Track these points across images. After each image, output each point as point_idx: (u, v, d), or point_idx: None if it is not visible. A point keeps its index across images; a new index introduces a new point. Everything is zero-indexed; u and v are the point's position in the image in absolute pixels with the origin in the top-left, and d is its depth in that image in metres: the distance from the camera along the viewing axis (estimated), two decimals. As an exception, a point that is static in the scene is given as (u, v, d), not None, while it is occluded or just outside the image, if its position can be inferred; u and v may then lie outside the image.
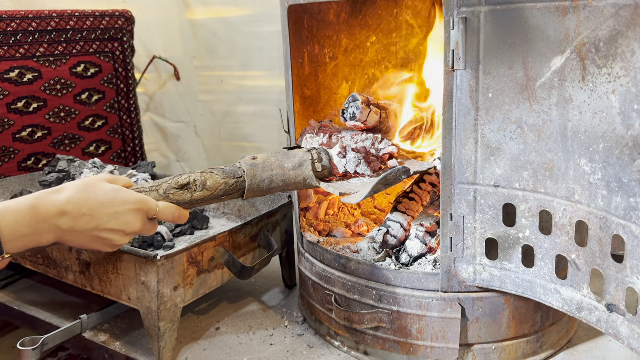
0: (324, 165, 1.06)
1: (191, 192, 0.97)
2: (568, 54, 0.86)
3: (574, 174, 0.89)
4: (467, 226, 1.02)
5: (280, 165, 1.04)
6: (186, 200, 0.97)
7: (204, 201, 0.99)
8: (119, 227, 0.89)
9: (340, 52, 1.57)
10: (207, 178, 0.99)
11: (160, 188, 0.97)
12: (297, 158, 1.05)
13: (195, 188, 0.98)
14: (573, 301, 0.94)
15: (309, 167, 1.04)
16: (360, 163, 1.10)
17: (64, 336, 1.23)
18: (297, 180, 1.04)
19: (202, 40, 2.42)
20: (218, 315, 1.38)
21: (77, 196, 0.86)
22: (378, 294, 1.12)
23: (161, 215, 0.94)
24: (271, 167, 1.03)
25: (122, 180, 0.96)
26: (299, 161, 1.05)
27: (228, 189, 1.00)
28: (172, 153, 2.56)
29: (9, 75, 1.78)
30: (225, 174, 1.00)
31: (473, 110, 0.96)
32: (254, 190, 1.02)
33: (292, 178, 1.04)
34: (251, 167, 1.02)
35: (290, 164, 1.04)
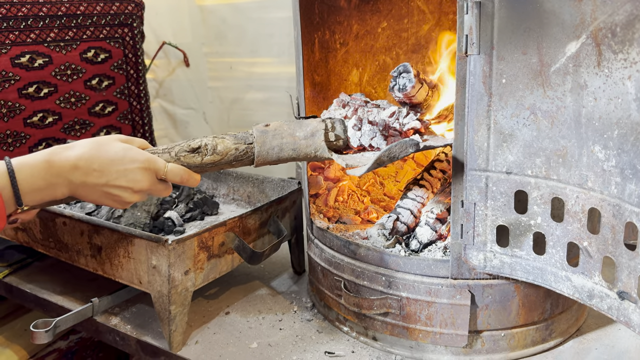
0: (337, 135, 1.04)
1: (202, 155, 0.98)
2: (583, 39, 0.84)
3: (587, 161, 0.88)
4: (478, 213, 1.02)
5: (292, 134, 1.02)
6: (197, 163, 0.99)
7: (215, 165, 1.00)
8: (127, 184, 0.92)
9: (350, 38, 1.56)
10: (218, 142, 0.99)
11: (173, 150, 0.99)
12: (310, 127, 1.03)
13: (206, 152, 0.99)
14: (584, 288, 0.94)
15: (321, 137, 1.02)
16: (375, 136, 1.06)
17: (76, 319, 1.24)
18: (307, 150, 1.02)
19: (211, 26, 2.41)
20: (228, 300, 1.39)
21: (89, 152, 0.90)
22: (387, 280, 1.12)
23: (169, 176, 0.96)
24: (282, 135, 1.01)
25: (137, 142, 0.99)
26: (312, 130, 1.02)
27: (238, 154, 1.00)
28: (181, 139, 2.56)
29: (19, 60, 1.79)
30: (236, 140, 1.01)
31: (486, 95, 0.95)
32: (263, 157, 1.01)
33: (302, 147, 1.02)
34: (261, 134, 1.01)
35: (302, 132, 1.02)
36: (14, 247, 1.63)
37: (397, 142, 0.97)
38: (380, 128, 1.06)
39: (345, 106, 1.16)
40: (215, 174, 1.70)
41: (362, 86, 1.65)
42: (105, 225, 1.19)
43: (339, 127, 1.05)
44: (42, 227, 1.33)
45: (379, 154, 0.95)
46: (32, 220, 1.33)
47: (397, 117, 1.10)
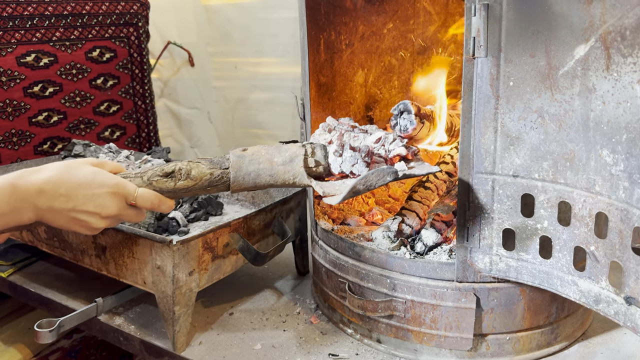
0: (317, 161, 0.99)
1: (175, 180, 0.96)
2: (592, 42, 0.84)
3: (595, 165, 0.88)
4: (484, 216, 1.01)
5: (269, 159, 0.98)
6: (169, 188, 0.96)
7: (188, 191, 0.97)
8: (95, 210, 0.89)
9: (356, 39, 1.56)
10: (193, 167, 0.97)
11: (145, 175, 0.96)
12: (289, 152, 0.98)
13: (180, 176, 0.96)
14: (591, 293, 0.93)
15: (300, 163, 0.97)
16: (357, 163, 0.99)
17: (80, 318, 1.24)
18: (285, 177, 0.98)
19: (216, 26, 2.41)
20: (231, 301, 1.39)
21: (56, 176, 0.87)
22: (392, 283, 1.12)
23: (139, 201, 0.93)
24: (259, 160, 0.98)
25: (109, 165, 0.96)
26: (291, 156, 0.98)
27: (213, 179, 0.97)
28: (185, 139, 2.57)
29: (25, 60, 1.79)
30: (212, 165, 0.97)
31: (493, 98, 0.95)
32: (239, 183, 0.97)
33: (280, 173, 0.97)
34: (238, 159, 0.98)
35: (280, 158, 0.98)
36: (18, 246, 1.63)
37: (375, 170, 0.92)
38: (362, 154, 1.00)
39: (332, 131, 1.12)
40: (220, 174, 1.69)
41: (367, 87, 1.65)
42: (109, 225, 1.19)
43: (320, 152, 1.00)
44: (46, 226, 1.33)
45: (355, 182, 0.91)
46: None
47: (382, 143, 1.05)
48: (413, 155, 1.04)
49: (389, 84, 1.69)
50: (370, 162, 1.01)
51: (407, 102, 1.14)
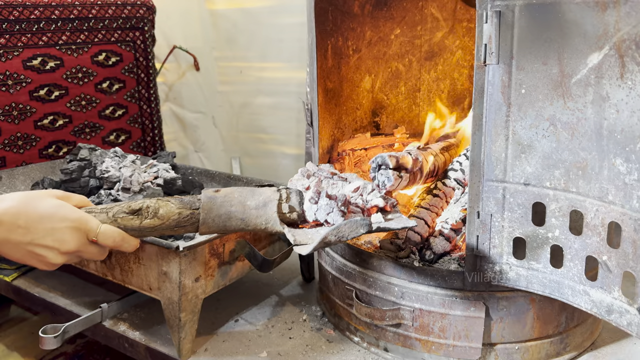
0: (292, 207, 0.95)
1: (141, 218, 0.92)
2: (606, 50, 0.83)
3: (608, 174, 0.87)
4: (494, 224, 1.00)
5: (242, 202, 0.94)
6: (134, 226, 0.92)
7: (154, 230, 0.93)
8: (53, 244, 0.86)
9: (363, 45, 1.55)
10: (161, 206, 0.93)
11: (111, 210, 0.92)
12: (263, 196, 0.95)
13: (147, 215, 0.93)
14: (603, 303, 0.92)
15: (274, 208, 0.94)
16: (332, 211, 0.95)
17: (85, 324, 1.23)
18: (257, 221, 0.94)
19: (221, 30, 2.41)
20: (237, 307, 1.38)
21: (16, 207, 0.84)
22: (400, 291, 1.11)
23: (101, 238, 0.89)
24: (231, 203, 0.94)
25: (74, 199, 0.93)
26: (264, 200, 0.95)
27: (181, 219, 0.93)
28: (190, 143, 2.57)
29: (31, 63, 1.79)
30: (182, 204, 0.94)
31: (504, 106, 0.94)
32: (208, 225, 0.94)
33: (252, 217, 0.94)
34: (209, 200, 0.94)
35: (253, 201, 0.95)
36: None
37: (348, 221, 0.89)
38: (339, 203, 0.96)
39: (310, 176, 1.09)
40: (226, 180, 1.69)
41: (374, 93, 1.64)
42: (116, 230, 1.18)
43: (295, 198, 0.97)
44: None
45: (326, 232, 0.87)
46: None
47: (361, 192, 1.02)
48: (391, 207, 1.01)
49: (396, 90, 1.68)
50: (347, 211, 0.97)
51: (385, 156, 1.11)
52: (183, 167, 1.77)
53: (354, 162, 1.52)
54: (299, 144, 2.30)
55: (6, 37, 1.72)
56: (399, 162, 1.12)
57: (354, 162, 1.52)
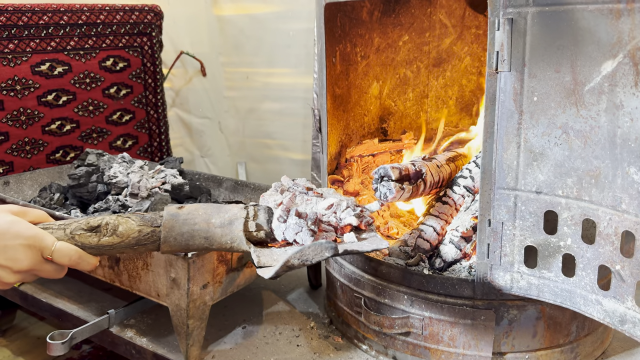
0: (259, 225, 0.91)
1: (99, 235, 0.89)
2: (620, 58, 0.83)
3: (621, 183, 0.86)
4: (505, 233, 0.99)
5: (206, 220, 0.90)
6: (92, 244, 0.89)
7: (113, 249, 0.90)
8: (5, 263, 0.82)
9: (371, 51, 1.55)
10: (121, 223, 0.90)
11: (69, 227, 0.89)
12: (229, 214, 0.91)
13: (105, 232, 0.89)
14: (615, 313, 0.91)
15: (240, 227, 0.90)
16: (301, 231, 0.90)
17: (92, 330, 1.23)
18: (222, 240, 0.90)
19: (228, 36, 2.41)
20: (244, 314, 1.38)
21: None
22: (410, 299, 1.10)
23: (56, 256, 0.86)
24: (194, 221, 0.90)
25: (32, 214, 0.89)
26: (230, 217, 0.90)
27: (141, 237, 0.90)
28: (196, 148, 2.57)
29: (40, 68, 1.79)
30: (142, 221, 0.90)
31: (516, 113, 0.94)
32: (169, 243, 0.90)
33: (217, 236, 0.90)
34: (171, 217, 0.90)
35: (219, 219, 0.90)
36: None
37: (312, 244, 0.84)
38: (309, 222, 0.91)
39: (284, 192, 1.02)
40: (233, 186, 1.69)
41: (382, 99, 1.64)
42: (124, 236, 1.17)
43: (263, 216, 0.92)
44: (59, 237, 1.32)
45: (289, 255, 0.83)
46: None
47: (334, 210, 0.96)
48: (366, 226, 0.96)
49: (404, 96, 1.68)
50: (318, 230, 0.92)
51: (387, 168, 1.08)
52: (190, 172, 1.76)
53: (361, 169, 1.51)
54: (305, 149, 2.29)
55: (15, 42, 1.73)
56: (401, 174, 1.10)
57: (362, 169, 1.52)
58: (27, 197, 1.67)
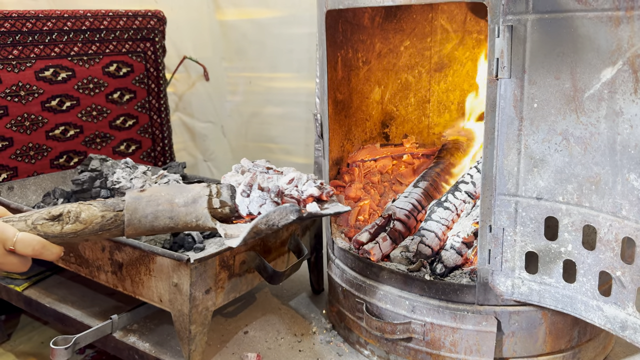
0: (223, 202, 0.93)
1: (62, 223, 0.89)
2: (619, 65, 0.83)
3: (621, 189, 0.86)
4: (506, 238, 1.00)
5: (170, 200, 0.91)
6: (55, 233, 0.88)
7: (77, 236, 0.90)
8: None
9: (373, 56, 1.56)
10: (83, 210, 0.90)
11: (30, 218, 0.89)
12: (192, 193, 0.93)
13: (68, 220, 0.89)
14: (616, 319, 0.91)
15: (204, 204, 0.91)
16: (265, 203, 0.93)
17: (95, 336, 1.23)
18: (187, 219, 0.91)
19: (231, 41, 2.42)
20: (246, 319, 1.38)
21: None
22: (411, 304, 1.10)
23: (19, 247, 0.85)
24: (157, 202, 0.91)
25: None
26: (194, 196, 0.92)
27: (105, 222, 0.90)
28: (199, 153, 2.58)
29: (44, 74, 1.81)
30: (105, 207, 0.91)
31: (517, 120, 0.94)
32: (134, 226, 0.90)
33: (182, 215, 0.91)
34: (133, 200, 0.91)
35: (182, 199, 0.92)
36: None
37: (277, 208, 0.88)
38: (272, 195, 0.94)
39: (245, 172, 1.03)
40: (235, 190, 1.69)
41: (383, 104, 1.64)
42: (127, 242, 1.18)
43: (226, 193, 0.94)
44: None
45: (256, 221, 0.86)
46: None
47: (295, 184, 0.98)
48: (328, 196, 0.98)
49: (406, 101, 1.69)
50: (281, 202, 0.94)
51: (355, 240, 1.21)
52: (193, 177, 1.77)
53: (363, 174, 1.52)
54: (307, 153, 2.30)
55: (19, 48, 1.74)
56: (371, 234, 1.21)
57: (364, 174, 1.52)
58: (31, 202, 1.68)
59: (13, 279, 1.55)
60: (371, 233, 1.24)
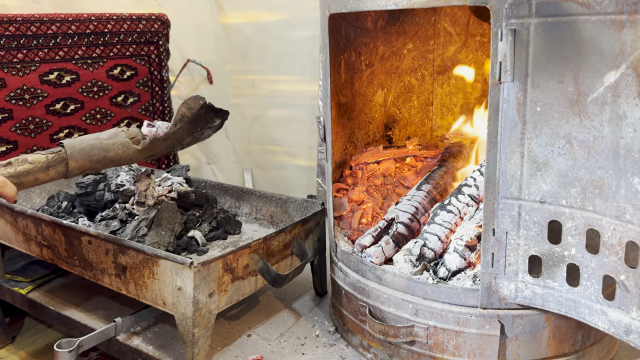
0: (136, 132, 1.26)
1: (14, 166, 1.07)
2: (623, 69, 0.83)
3: (625, 193, 0.86)
4: (509, 242, 1.00)
5: (97, 137, 1.21)
6: (11, 173, 1.07)
7: (29, 174, 1.09)
8: None
9: (376, 59, 1.56)
10: (28, 156, 1.11)
11: None
12: (111, 131, 1.24)
13: (17, 164, 1.08)
14: (620, 323, 0.91)
15: (123, 135, 1.23)
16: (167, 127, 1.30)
17: (99, 339, 1.24)
18: (115, 147, 1.21)
19: (235, 44, 2.43)
20: (249, 322, 1.38)
21: None
22: (414, 308, 1.10)
23: None
24: (88, 140, 1.19)
25: None
26: (114, 132, 1.24)
27: (50, 161, 1.12)
28: (202, 155, 2.58)
29: (48, 77, 1.81)
30: (46, 151, 1.14)
31: (520, 123, 0.94)
32: (75, 158, 1.15)
33: (110, 145, 1.20)
34: (70, 141, 1.17)
35: (105, 135, 1.22)
36: (36, 262, 1.64)
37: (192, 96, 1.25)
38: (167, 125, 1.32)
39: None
40: (239, 193, 1.69)
41: (386, 107, 1.64)
42: (131, 245, 1.19)
43: (134, 128, 1.28)
44: (67, 245, 1.34)
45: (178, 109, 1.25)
46: (58, 237, 1.34)
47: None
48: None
49: (409, 104, 1.69)
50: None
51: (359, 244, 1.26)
52: (197, 180, 1.78)
53: (367, 176, 1.52)
54: (311, 156, 2.30)
55: (24, 52, 1.75)
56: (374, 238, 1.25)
57: (367, 176, 1.52)
58: (36, 205, 1.69)
59: (17, 282, 1.56)
60: (374, 236, 1.23)
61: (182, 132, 1.30)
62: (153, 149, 1.28)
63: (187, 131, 1.31)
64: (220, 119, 1.35)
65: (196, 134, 1.34)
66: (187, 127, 1.30)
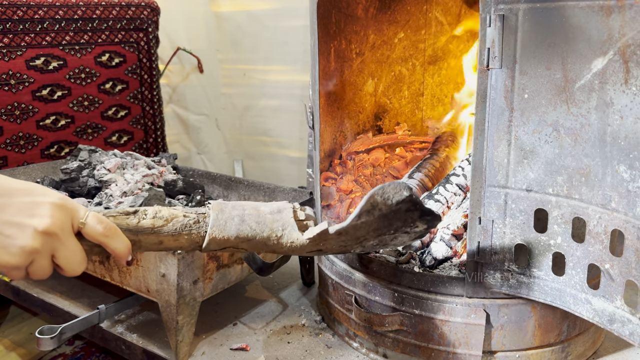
0: (309, 215, 0.91)
1: (138, 217, 0.81)
2: (610, 55, 0.82)
3: (611, 181, 0.86)
4: (495, 230, 0.99)
5: (255, 207, 0.89)
6: (131, 226, 0.79)
7: (153, 233, 0.81)
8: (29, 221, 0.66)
9: (367, 48, 1.55)
10: (162, 209, 0.83)
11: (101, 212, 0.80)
12: (276, 205, 0.91)
13: (144, 216, 0.81)
14: (605, 312, 0.91)
15: (290, 215, 0.89)
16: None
17: (82, 326, 1.22)
18: (274, 226, 0.87)
19: (226, 33, 2.41)
20: (235, 311, 1.37)
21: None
22: (400, 297, 1.10)
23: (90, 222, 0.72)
24: (243, 207, 0.88)
25: None
26: (278, 207, 0.90)
27: (187, 222, 0.83)
28: (193, 145, 2.56)
29: (34, 63, 1.79)
30: (185, 209, 0.87)
31: (507, 110, 0.93)
32: (220, 227, 0.84)
33: (268, 222, 0.87)
34: (218, 203, 0.88)
35: (267, 208, 0.90)
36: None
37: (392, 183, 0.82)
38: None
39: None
40: (227, 182, 1.68)
41: (377, 97, 1.63)
42: (114, 231, 1.17)
43: (309, 209, 0.92)
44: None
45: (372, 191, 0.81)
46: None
47: None
48: None
49: (399, 94, 1.68)
50: None
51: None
52: (184, 169, 1.76)
53: (356, 166, 1.51)
54: (301, 147, 2.29)
55: (10, 36, 1.73)
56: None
57: (357, 166, 1.51)
58: (21, 192, 1.66)
59: (1, 269, 1.54)
60: (361, 225, 1.22)
61: (367, 228, 0.86)
62: (321, 243, 0.89)
63: (374, 230, 0.87)
64: (426, 224, 0.88)
65: (386, 236, 0.89)
66: (377, 224, 0.86)
